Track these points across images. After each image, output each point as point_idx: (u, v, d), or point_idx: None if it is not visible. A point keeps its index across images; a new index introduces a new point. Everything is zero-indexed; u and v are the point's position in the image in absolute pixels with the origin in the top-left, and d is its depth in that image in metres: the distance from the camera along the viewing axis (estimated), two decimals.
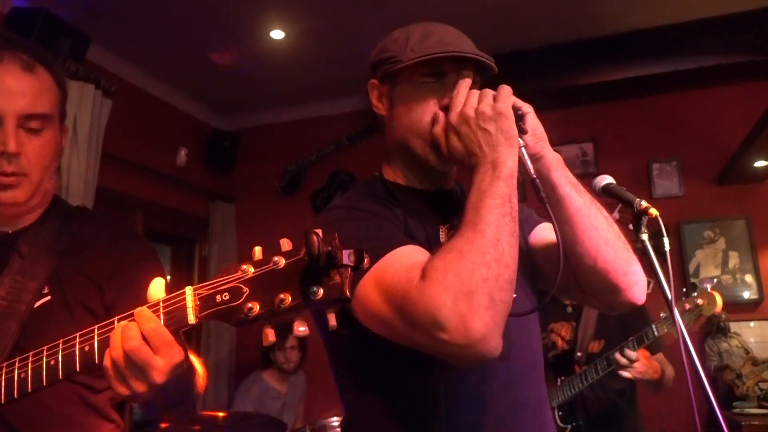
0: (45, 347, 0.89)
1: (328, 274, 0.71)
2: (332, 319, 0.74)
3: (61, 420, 1.14)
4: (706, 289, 2.25)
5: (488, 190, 0.97)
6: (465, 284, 0.86)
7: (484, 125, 1.01)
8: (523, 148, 1.04)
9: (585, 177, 1.28)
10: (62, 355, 0.87)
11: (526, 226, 1.27)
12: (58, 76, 1.23)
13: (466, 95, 1.05)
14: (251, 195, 4.81)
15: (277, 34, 3.67)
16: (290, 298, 0.72)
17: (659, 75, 3.72)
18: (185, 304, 0.78)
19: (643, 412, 2.56)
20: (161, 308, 0.81)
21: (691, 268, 3.85)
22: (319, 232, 0.70)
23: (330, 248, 0.69)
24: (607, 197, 1.25)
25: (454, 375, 1.04)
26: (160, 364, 0.81)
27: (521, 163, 1.03)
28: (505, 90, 1.05)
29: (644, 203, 1.15)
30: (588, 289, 1.14)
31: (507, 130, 1.01)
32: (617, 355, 2.23)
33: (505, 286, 0.90)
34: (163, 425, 2.29)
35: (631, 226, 1.18)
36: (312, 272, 0.72)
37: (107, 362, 0.82)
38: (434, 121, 1.09)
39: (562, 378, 2.42)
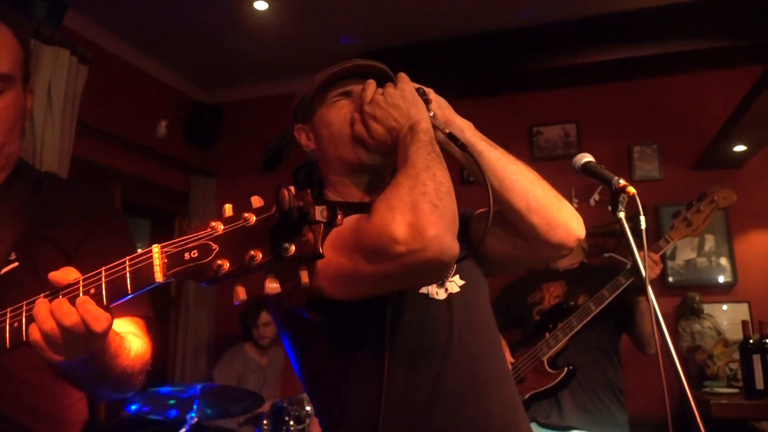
0: (8, 309, 0.87)
1: (300, 231, 0.70)
2: (305, 276, 0.72)
3: (32, 389, 1.12)
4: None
5: (411, 143, 1.06)
6: (406, 201, 0.94)
7: (393, 101, 1.13)
8: (432, 116, 1.15)
9: (567, 158, 1.29)
10: (26, 317, 0.85)
11: (464, 221, 1.31)
12: (19, 33, 1.16)
13: (371, 90, 1.18)
14: (233, 170, 4.74)
15: (261, 5, 3.60)
16: (261, 255, 0.70)
17: (642, 58, 3.73)
18: (152, 262, 0.75)
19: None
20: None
21: (668, 250, 3.90)
22: (291, 188, 0.69)
23: (302, 203, 0.68)
24: (586, 175, 1.25)
25: (414, 361, 1.09)
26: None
27: (435, 127, 1.13)
28: (402, 75, 1.19)
29: (622, 181, 1.16)
30: (531, 236, 1.17)
31: (412, 99, 1.14)
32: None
33: (444, 196, 0.97)
34: None
35: (610, 207, 1.19)
36: (284, 229, 0.70)
37: (37, 336, 0.82)
38: (352, 123, 1.20)
39: (551, 327, 2.50)
